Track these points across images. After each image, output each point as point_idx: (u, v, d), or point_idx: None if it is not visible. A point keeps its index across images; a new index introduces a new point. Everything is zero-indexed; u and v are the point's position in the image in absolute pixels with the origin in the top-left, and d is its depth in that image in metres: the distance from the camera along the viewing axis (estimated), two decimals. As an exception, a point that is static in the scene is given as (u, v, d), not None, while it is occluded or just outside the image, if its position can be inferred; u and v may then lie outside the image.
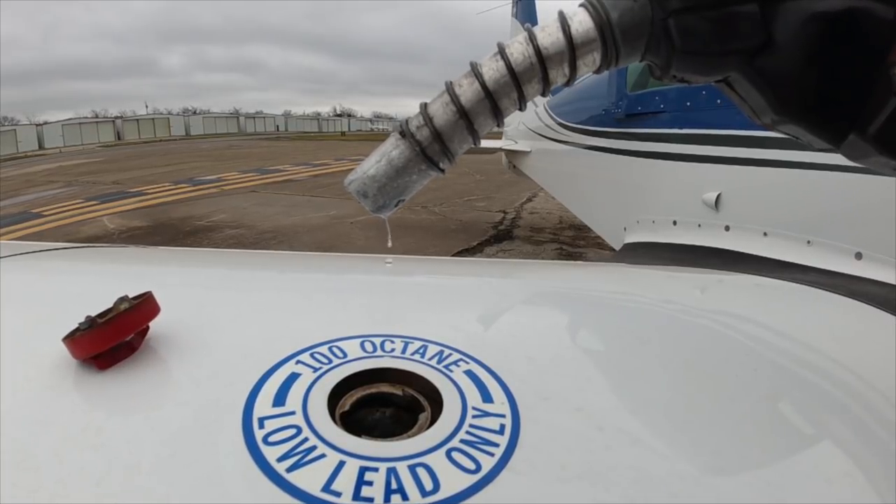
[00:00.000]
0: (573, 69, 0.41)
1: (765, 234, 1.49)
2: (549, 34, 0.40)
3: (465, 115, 0.41)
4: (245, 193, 9.95)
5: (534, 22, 3.98)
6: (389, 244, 0.51)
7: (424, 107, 0.42)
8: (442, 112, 0.41)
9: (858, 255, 1.22)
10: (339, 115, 65.88)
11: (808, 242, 1.35)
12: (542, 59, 0.40)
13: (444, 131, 0.41)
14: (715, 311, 0.80)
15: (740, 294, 0.96)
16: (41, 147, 30.76)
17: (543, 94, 0.43)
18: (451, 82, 0.41)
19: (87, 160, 18.57)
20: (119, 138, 36.23)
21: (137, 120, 41.00)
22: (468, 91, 0.41)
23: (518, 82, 0.40)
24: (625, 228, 2.24)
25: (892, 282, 1.10)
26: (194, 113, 47.83)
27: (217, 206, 8.61)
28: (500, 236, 6.32)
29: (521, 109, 0.43)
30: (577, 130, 2.92)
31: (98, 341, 0.45)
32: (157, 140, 34.65)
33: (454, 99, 0.41)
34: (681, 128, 1.89)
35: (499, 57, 0.40)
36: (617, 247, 2.35)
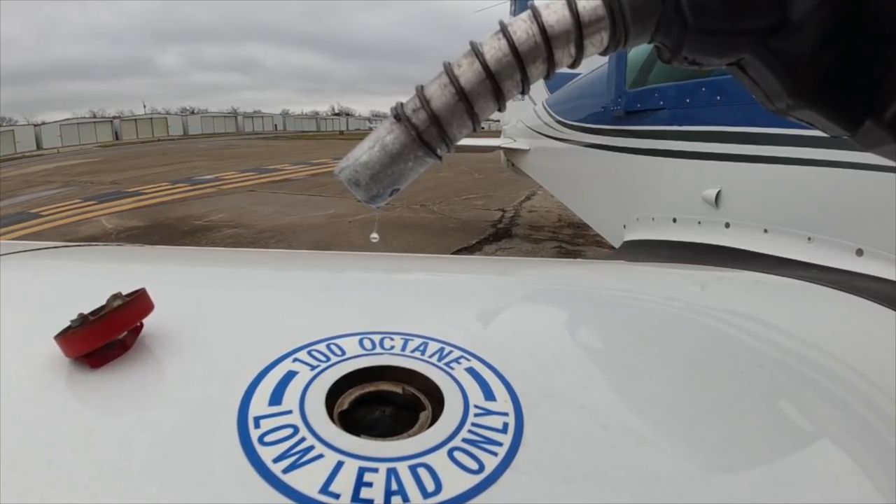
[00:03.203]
0: (580, 49, 0.38)
1: (765, 230, 1.48)
2: (554, 11, 0.38)
3: (464, 98, 0.38)
4: (243, 193, 9.92)
5: None
6: (375, 235, 0.50)
7: (421, 89, 0.39)
8: (440, 94, 0.39)
9: (859, 252, 1.21)
10: (338, 114, 65.91)
11: (809, 239, 1.34)
12: (546, 38, 0.37)
13: (442, 115, 0.39)
14: (716, 308, 0.79)
15: (741, 291, 0.95)
16: (39, 147, 30.71)
17: (548, 77, 0.40)
18: (449, 63, 0.39)
19: (85, 160, 18.52)
20: (117, 138, 36.19)
21: (135, 120, 40.95)
22: (468, 72, 0.38)
23: (521, 62, 0.38)
24: (624, 226, 2.23)
25: (894, 278, 1.09)
26: (192, 112, 47.80)
27: (215, 205, 8.59)
28: (498, 234, 6.31)
29: (523, 93, 0.40)
30: (575, 128, 2.91)
31: (90, 339, 0.44)
32: (155, 140, 34.59)
33: (453, 80, 0.38)
34: (680, 125, 1.88)
35: (501, 35, 0.38)
36: (616, 245, 2.34)
